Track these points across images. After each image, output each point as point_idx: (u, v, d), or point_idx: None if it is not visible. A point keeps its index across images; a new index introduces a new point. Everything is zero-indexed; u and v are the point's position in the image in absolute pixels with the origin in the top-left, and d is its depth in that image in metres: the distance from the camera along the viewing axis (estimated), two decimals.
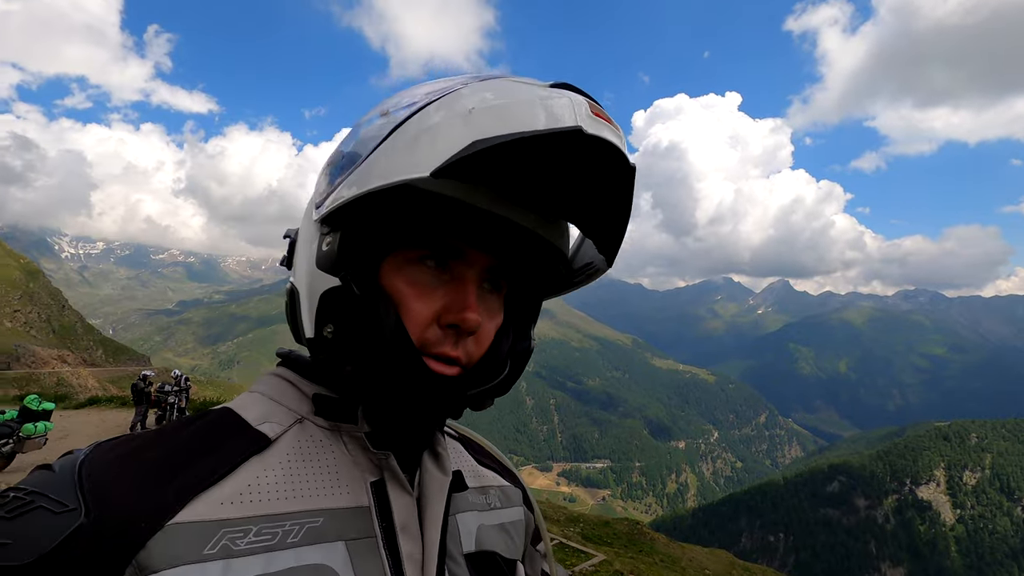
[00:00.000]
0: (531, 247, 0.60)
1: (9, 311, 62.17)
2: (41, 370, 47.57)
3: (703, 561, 14.19)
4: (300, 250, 0.62)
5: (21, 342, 55.09)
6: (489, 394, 0.62)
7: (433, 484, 0.61)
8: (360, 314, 0.54)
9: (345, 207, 0.55)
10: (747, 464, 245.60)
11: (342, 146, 0.61)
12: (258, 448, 0.55)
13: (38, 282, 70.90)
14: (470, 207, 0.53)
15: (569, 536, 10.52)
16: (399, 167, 0.50)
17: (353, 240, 0.56)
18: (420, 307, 0.56)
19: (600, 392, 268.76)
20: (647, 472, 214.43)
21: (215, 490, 0.50)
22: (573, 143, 0.49)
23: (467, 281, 0.58)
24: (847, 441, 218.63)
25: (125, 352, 77.90)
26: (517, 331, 0.68)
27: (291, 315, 0.63)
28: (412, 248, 0.57)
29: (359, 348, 0.54)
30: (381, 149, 0.53)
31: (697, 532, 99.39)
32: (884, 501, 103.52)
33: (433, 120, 0.51)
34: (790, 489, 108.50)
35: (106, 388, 40.43)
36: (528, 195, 0.56)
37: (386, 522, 0.56)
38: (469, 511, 0.69)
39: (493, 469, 0.81)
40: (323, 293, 0.55)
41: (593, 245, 0.68)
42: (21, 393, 21.44)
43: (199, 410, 2.08)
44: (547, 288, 0.70)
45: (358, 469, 0.58)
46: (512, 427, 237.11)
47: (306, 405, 0.61)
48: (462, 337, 0.58)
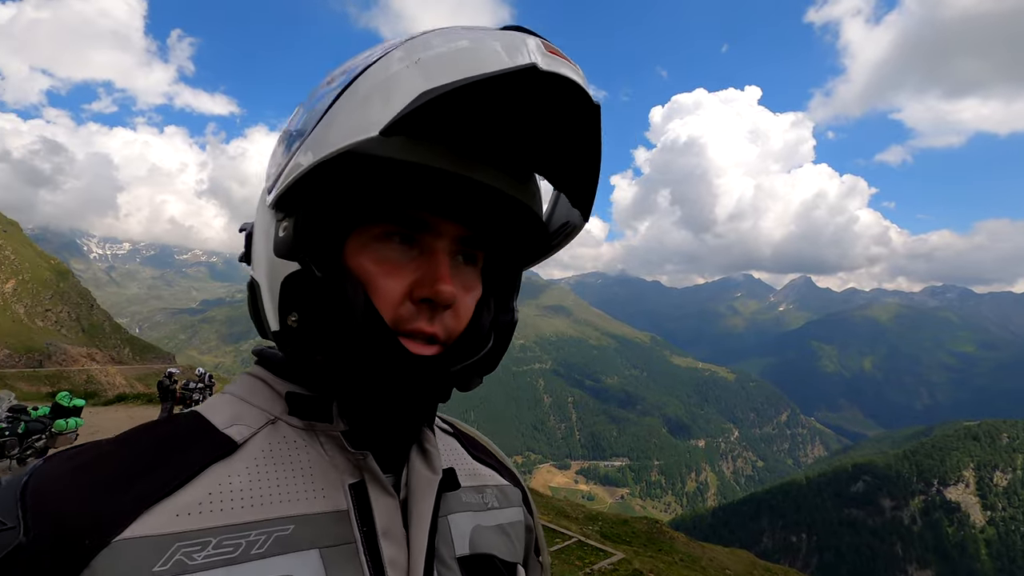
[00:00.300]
0: (503, 211, 0.57)
1: (41, 310, 64.06)
2: (71, 368, 48.95)
3: (724, 561, 14.05)
4: (257, 241, 0.59)
5: (52, 340, 56.73)
6: (474, 371, 0.59)
7: (421, 483, 0.57)
8: (325, 297, 0.50)
9: (297, 186, 0.51)
10: (768, 463, 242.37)
11: (290, 125, 0.57)
12: (223, 453, 0.51)
13: (68, 282, 72.93)
14: (431, 171, 0.50)
15: (587, 534, 10.49)
16: (347, 132, 0.46)
17: (310, 222, 0.52)
18: (390, 284, 0.53)
19: (618, 390, 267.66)
20: (666, 471, 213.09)
21: (171, 500, 0.46)
22: (530, 84, 0.45)
23: (437, 253, 0.55)
24: (872, 440, 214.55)
25: (151, 350, 79.75)
26: (498, 303, 0.64)
27: (254, 311, 0.60)
28: (375, 224, 0.54)
29: (328, 334, 0.51)
30: (328, 116, 0.49)
31: (717, 531, 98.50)
32: (911, 502, 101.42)
33: (380, 77, 0.47)
34: (813, 489, 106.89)
35: (133, 385, 41.47)
36: (491, 151, 0.53)
37: (367, 526, 0.52)
38: (463, 512, 0.64)
39: (491, 467, 0.76)
40: (283, 280, 0.52)
41: (567, 202, 0.65)
42: (53, 390, 22.11)
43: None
44: (525, 255, 0.66)
45: (336, 471, 0.54)
46: (530, 425, 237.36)
47: (279, 405, 0.57)
48: (438, 312, 0.54)
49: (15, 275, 65.27)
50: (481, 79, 0.43)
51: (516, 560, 0.68)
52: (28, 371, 43.97)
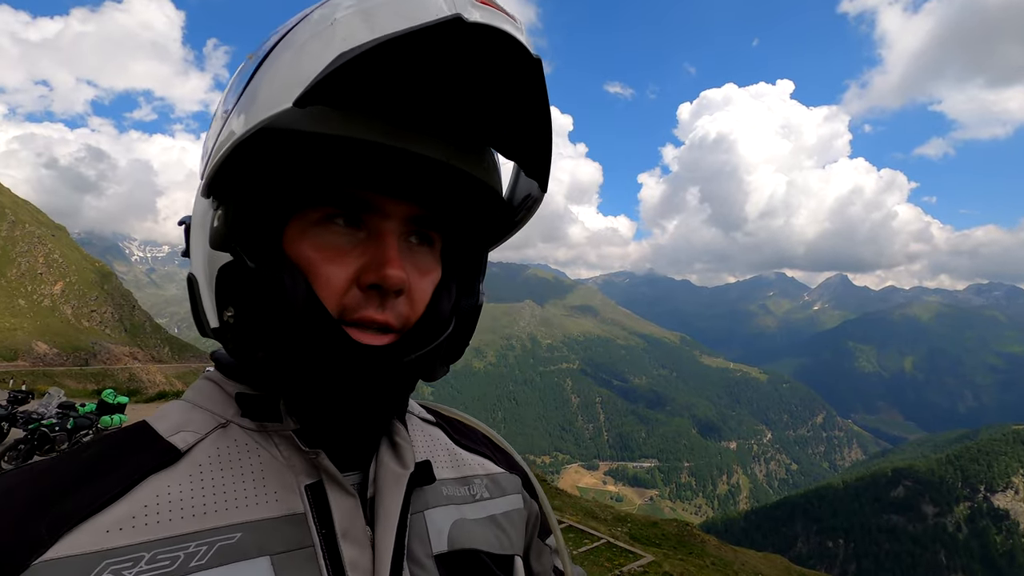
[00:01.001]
0: (455, 187, 0.53)
1: (87, 311, 66.83)
2: (115, 366, 50.96)
3: (757, 566, 13.78)
4: (195, 234, 0.55)
5: (97, 340, 59.15)
6: (434, 358, 0.55)
7: (388, 479, 0.54)
8: (260, 289, 0.46)
9: (226, 171, 0.47)
10: (803, 466, 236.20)
11: (218, 105, 0.54)
12: (163, 462, 0.47)
13: (111, 284, 75.94)
14: (365, 145, 0.46)
15: (616, 536, 10.41)
16: (265, 106, 0.42)
17: (244, 209, 0.48)
18: (332, 271, 0.49)
19: (647, 390, 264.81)
20: (696, 472, 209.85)
21: (101, 516, 0.43)
22: (458, 39, 0.40)
23: (385, 234, 0.51)
24: (912, 444, 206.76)
25: (189, 349, 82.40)
26: (461, 287, 0.60)
27: (194, 309, 0.56)
28: (315, 207, 0.50)
29: (267, 328, 0.47)
30: (248, 90, 0.46)
31: (750, 535, 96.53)
32: (955, 508, 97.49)
33: (296, 42, 0.43)
34: (850, 493, 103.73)
35: (172, 383, 42.88)
36: (429, 119, 0.48)
37: (326, 528, 0.49)
38: (443, 506, 0.60)
39: (482, 455, 0.71)
40: (218, 272, 0.49)
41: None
42: (98, 387, 23.03)
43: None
44: (487, 234, 0.62)
45: (292, 472, 0.51)
46: (558, 425, 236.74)
47: (231, 407, 0.54)
48: (388, 298, 0.50)
49: (63, 277, 68.23)
50: (400, 35, 0.38)
51: (511, 552, 0.64)
52: (75, 369, 45.96)
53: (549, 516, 0.73)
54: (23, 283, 65.49)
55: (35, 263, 67.64)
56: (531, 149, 0.53)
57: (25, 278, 66.06)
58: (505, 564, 0.63)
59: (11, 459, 7.76)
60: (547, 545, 0.74)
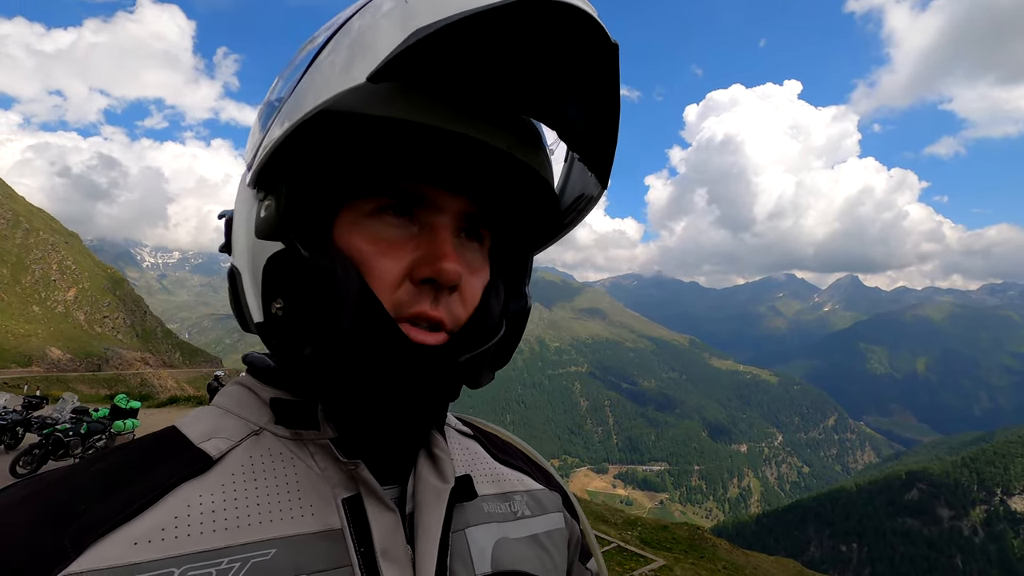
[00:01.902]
0: (512, 181, 0.51)
1: (99, 317, 67.60)
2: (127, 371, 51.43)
3: (769, 570, 13.64)
4: (237, 226, 0.53)
5: (110, 345, 59.79)
6: (484, 362, 0.52)
7: (429, 495, 0.50)
8: (313, 279, 0.44)
9: (277, 159, 0.45)
10: (815, 469, 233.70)
11: (271, 94, 0.51)
12: (195, 470, 0.44)
13: (123, 290, 76.80)
14: (427, 131, 0.44)
15: (627, 540, 10.35)
16: (326, 88, 0.40)
17: (295, 198, 0.46)
18: (387, 265, 0.47)
19: (656, 393, 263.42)
20: (707, 476, 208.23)
21: (129, 527, 0.40)
22: (536, 18, 0.39)
23: (439, 228, 0.49)
24: (927, 446, 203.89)
25: (200, 355, 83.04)
26: (508, 289, 0.57)
27: (235, 303, 0.53)
28: (367, 198, 0.48)
29: (318, 322, 0.44)
30: (308, 76, 0.44)
31: (762, 539, 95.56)
32: (971, 512, 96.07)
33: (365, 23, 0.41)
34: (864, 496, 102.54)
35: (183, 388, 43.24)
36: (495, 104, 0.47)
37: (364, 546, 0.46)
38: (484, 524, 0.56)
39: (521, 470, 0.67)
40: (267, 261, 0.46)
41: (582, 172, 0.57)
42: (111, 392, 23.31)
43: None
44: (536, 235, 0.59)
45: (328, 484, 0.48)
46: (566, 428, 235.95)
47: (265, 414, 0.51)
48: (442, 294, 0.48)
49: (76, 284, 69.10)
50: (482, 11, 0.36)
51: (552, 574, 0.60)
52: (88, 374, 46.44)
53: (590, 538, 0.69)
54: (37, 290, 66.40)
55: (49, 270, 68.56)
56: (597, 141, 0.51)
57: (39, 285, 66.97)
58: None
59: (26, 464, 7.86)
60: (588, 569, 0.69)
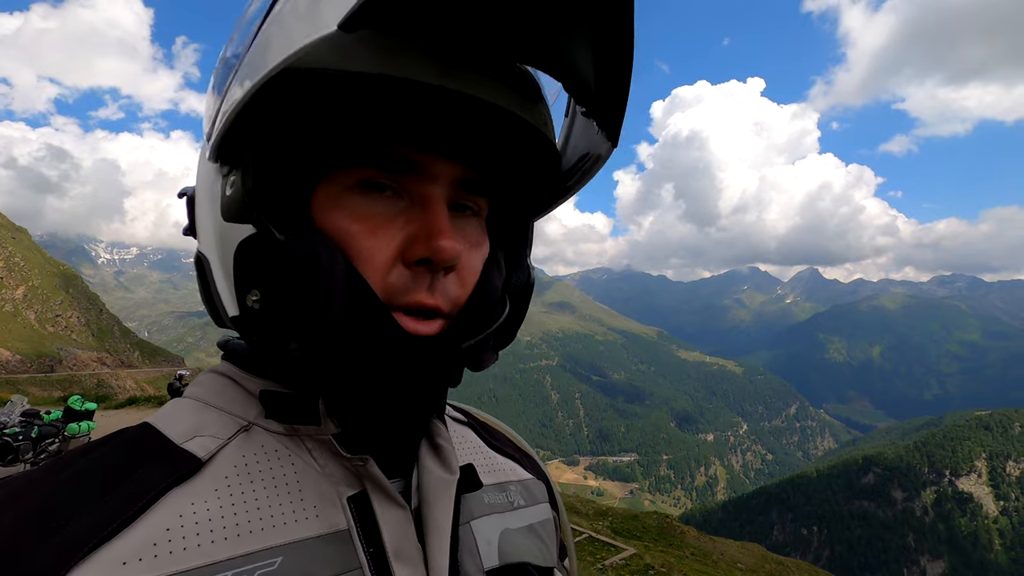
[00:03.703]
0: (511, 143, 0.45)
1: (51, 316, 64.61)
2: (82, 372, 49.39)
3: (735, 554, 14.03)
4: (201, 206, 0.47)
5: (63, 345, 57.28)
6: (488, 344, 0.46)
7: (435, 486, 0.46)
8: (292, 266, 0.37)
9: (240, 127, 0.39)
10: (778, 456, 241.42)
11: (227, 50, 0.44)
12: (182, 474, 0.39)
13: (77, 288, 73.57)
14: (414, 88, 0.37)
15: (598, 530, 10.49)
16: (292, 39, 0.34)
17: (264, 172, 0.39)
18: (375, 245, 0.41)
19: (626, 385, 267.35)
20: (675, 465, 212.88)
21: (116, 543, 0.34)
22: None
23: (433, 200, 0.42)
24: (882, 432, 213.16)
25: (160, 353, 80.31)
26: (509, 260, 0.51)
27: (205, 294, 0.47)
28: (348, 169, 0.41)
29: (301, 315, 0.38)
30: (267, 24, 0.37)
31: (728, 525, 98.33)
32: (922, 493, 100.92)
33: None
34: (823, 481, 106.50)
35: (143, 388, 41.81)
36: (490, 56, 0.40)
37: (374, 546, 0.41)
38: (488, 515, 0.53)
39: (512, 458, 0.63)
40: (237, 248, 0.40)
41: (586, 127, 0.50)
42: (64, 394, 22.31)
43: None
44: (537, 200, 0.52)
45: (329, 482, 0.43)
46: (538, 422, 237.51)
47: (253, 407, 0.45)
48: (438, 276, 0.42)
49: (25, 281, 65.87)
50: None
51: (550, 564, 0.56)
52: (40, 376, 44.39)
53: (567, 534, 0.66)
54: None
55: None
56: (608, 93, 0.44)
57: None
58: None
59: None
60: (564, 567, 0.63)
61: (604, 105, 0.45)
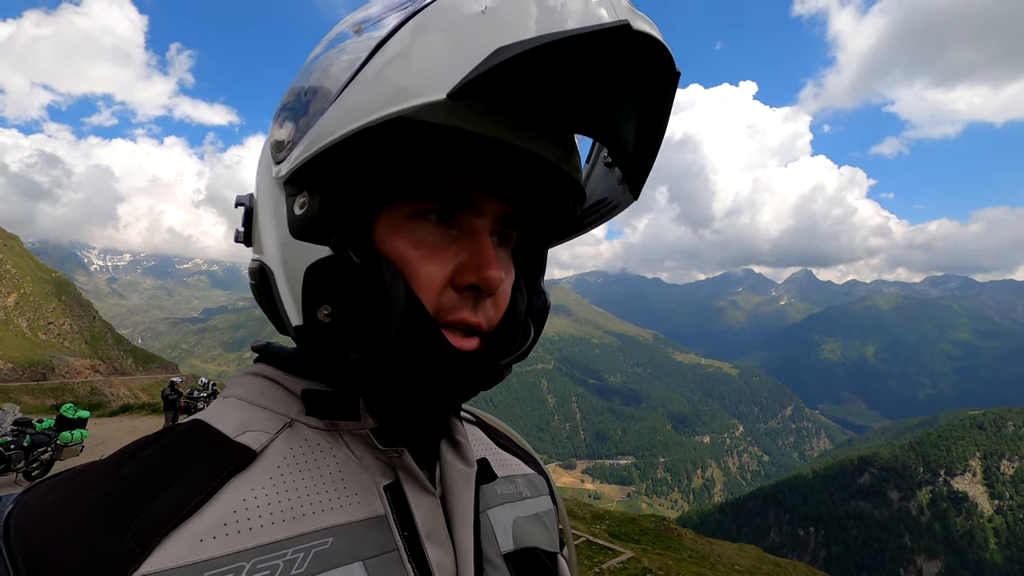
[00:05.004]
0: (551, 186, 0.50)
1: (43, 323, 64.08)
2: (75, 380, 48.96)
3: (732, 556, 14.03)
4: (263, 219, 0.51)
5: (56, 353, 56.77)
6: (512, 362, 0.53)
7: (457, 478, 0.51)
8: (364, 287, 0.43)
9: (321, 156, 0.43)
10: (774, 458, 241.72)
11: (299, 82, 0.48)
12: (241, 464, 0.44)
13: (70, 295, 73.00)
14: (486, 142, 0.43)
15: (596, 533, 10.47)
16: (395, 94, 0.38)
17: (337, 201, 0.45)
18: (431, 270, 0.46)
19: (622, 388, 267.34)
20: (672, 468, 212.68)
21: (191, 523, 0.39)
22: (615, 44, 0.38)
23: (480, 232, 0.48)
24: (877, 432, 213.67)
25: (154, 360, 79.76)
26: (528, 286, 0.58)
27: (266, 302, 0.51)
28: (412, 200, 0.46)
29: (367, 329, 0.43)
30: (363, 75, 0.41)
31: (725, 527, 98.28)
32: (918, 493, 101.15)
33: (432, 28, 0.38)
34: (819, 482, 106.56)
35: (137, 396, 41.48)
36: (553, 120, 0.46)
37: (408, 530, 0.47)
38: (501, 504, 0.59)
39: (515, 455, 0.71)
40: (309, 267, 0.44)
41: (605, 175, 0.59)
42: (57, 402, 22.10)
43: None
44: (556, 232, 0.60)
45: (366, 473, 0.48)
46: (534, 425, 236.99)
47: (295, 405, 0.50)
48: (481, 300, 0.48)
49: (16, 289, 65.32)
50: (571, 36, 0.35)
51: (555, 550, 0.64)
52: (32, 384, 43.97)
53: (565, 526, 0.71)
54: None
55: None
56: (640, 157, 0.52)
57: None
58: (554, 563, 0.62)
59: None
60: (563, 557, 0.69)
61: (635, 166, 0.54)
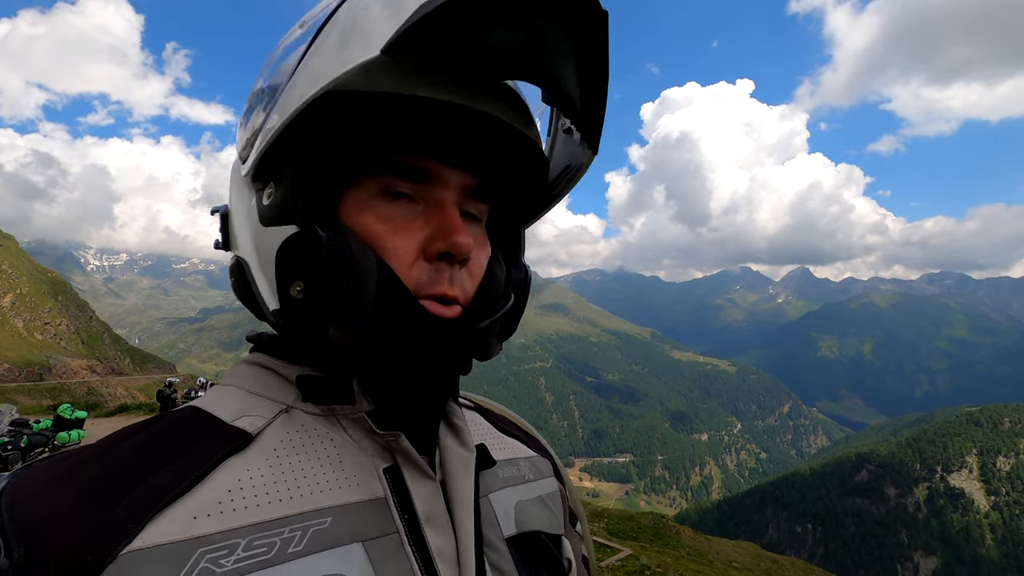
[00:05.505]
0: (510, 153, 0.52)
1: (40, 324, 63.87)
2: (72, 380, 48.83)
3: (730, 553, 14.07)
4: (237, 220, 0.53)
5: (52, 354, 56.59)
6: (495, 331, 0.53)
7: (456, 463, 0.51)
8: (333, 258, 0.43)
9: (277, 147, 0.46)
10: (772, 455, 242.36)
11: (258, 83, 0.51)
12: (236, 446, 0.44)
13: (66, 295, 72.76)
14: (432, 106, 0.44)
15: (594, 531, 10.49)
16: (331, 67, 0.40)
17: (298, 184, 0.46)
18: (399, 243, 0.47)
19: (620, 386, 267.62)
20: (670, 465, 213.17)
21: (185, 501, 0.39)
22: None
23: (446, 203, 0.49)
24: (874, 429, 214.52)
25: (151, 360, 79.56)
26: (507, 261, 0.59)
27: (245, 293, 0.52)
28: (371, 177, 0.48)
29: (340, 301, 0.43)
30: (309, 56, 0.43)
31: (723, 525, 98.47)
32: (915, 489, 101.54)
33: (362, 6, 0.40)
34: (817, 479, 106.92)
35: (134, 396, 41.39)
36: (493, 73, 0.46)
37: (408, 514, 0.46)
38: (503, 488, 0.59)
39: (518, 438, 0.71)
40: (280, 246, 0.46)
41: (566, 143, 0.59)
42: (54, 403, 22.04)
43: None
44: (527, 207, 0.60)
45: (365, 455, 0.48)
46: (533, 423, 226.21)
47: (291, 392, 0.50)
48: (455, 269, 0.49)
49: (12, 289, 65.09)
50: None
51: (559, 532, 0.64)
52: (29, 385, 43.83)
53: (576, 502, 0.73)
54: None
55: None
56: (590, 107, 0.52)
57: None
58: (557, 545, 0.63)
59: None
60: (576, 531, 0.72)
61: (586, 117, 0.53)
